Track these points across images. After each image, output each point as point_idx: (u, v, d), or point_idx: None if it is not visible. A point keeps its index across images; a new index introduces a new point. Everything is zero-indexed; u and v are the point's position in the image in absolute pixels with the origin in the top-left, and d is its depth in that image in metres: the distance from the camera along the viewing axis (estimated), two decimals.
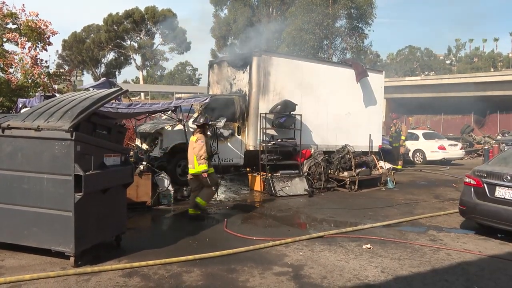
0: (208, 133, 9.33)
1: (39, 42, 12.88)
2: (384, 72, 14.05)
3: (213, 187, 6.98)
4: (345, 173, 10.39)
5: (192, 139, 6.92)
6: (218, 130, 9.46)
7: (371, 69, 14.44)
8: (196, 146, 6.67)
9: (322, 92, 11.48)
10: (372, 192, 10.31)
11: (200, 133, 6.83)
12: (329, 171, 10.51)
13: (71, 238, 4.37)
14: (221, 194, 9.48)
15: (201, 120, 7.01)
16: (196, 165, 6.74)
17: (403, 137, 14.54)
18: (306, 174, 10.23)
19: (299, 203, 8.65)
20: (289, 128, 10.42)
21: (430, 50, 68.90)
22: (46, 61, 13.75)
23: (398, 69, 59.26)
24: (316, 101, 11.35)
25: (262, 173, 9.93)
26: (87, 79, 62.04)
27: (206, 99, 8.74)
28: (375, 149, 12.89)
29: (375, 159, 11.45)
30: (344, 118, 12.00)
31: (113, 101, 7.00)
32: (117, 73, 51.30)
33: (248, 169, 11.15)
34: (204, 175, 6.71)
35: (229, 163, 10.26)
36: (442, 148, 17.05)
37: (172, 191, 8.16)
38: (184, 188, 8.71)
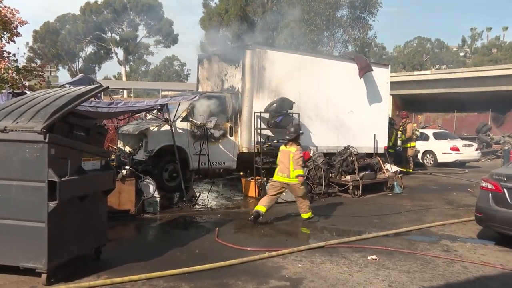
0: (198, 133, 9.37)
1: (5, 33, 12.64)
2: (390, 66, 14.14)
3: (306, 197, 7.83)
4: (348, 177, 10.43)
5: (290, 149, 7.61)
6: (208, 131, 9.49)
7: (376, 63, 14.53)
8: (296, 155, 7.47)
9: (322, 89, 11.53)
10: (377, 197, 10.34)
11: (296, 144, 7.66)
12: (330, 175, 10.54)
13: (43, 252, 4.27)
14: (212, 201, 9.49)
15: (292, 131, 7.75)
16: (292, 172, 7.47)
17: (402, 137, 14.53)
18: (305, 178, 10.12)
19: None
20: (286, 128, 10.37)
21: (442, 41, 68.34)
22: (14, 54, 13.50)
23: (406, 63, 59.59)
24: (315, 99, 11.40)
25: (256, 177, 9.94)
26: (63, 75, 61.64)
27: (195, 97, 8.76)
28: (381, 150, 12.95)
29: (380, 161, 11.49)
30: (346, 117, 12.05)
31: (93, 99, 6.97)
32: (96, 68, 51.05)
33: (241, 173, 11.13)
34: (300, 179, 7.45)
35: (221, 166, 10.27)
36: (455, 149, 16.92)
37: (158, 198, 8.15)
38: (177, 195, 8.72)
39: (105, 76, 59.45)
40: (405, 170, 14.03)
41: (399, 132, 14.63)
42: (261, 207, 7.59)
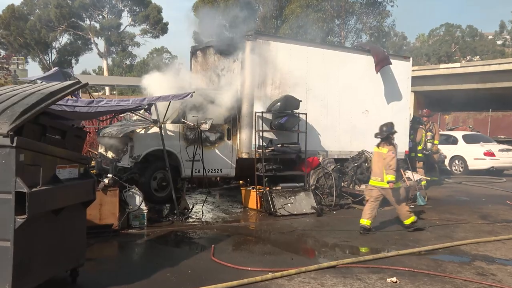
0: (191, 136, 9.38)
1: None
2: (411, 58, 14.13)
3: (402, 202, 8.26)
4: (363, 186, 10.42)
5: (382, 150, 8.05)
6: (203, 134, 9.50)
7: (395, 55, 14.50)
8: (387, 156, 7.87)
9: (333, 86, 11.55)
10: None
11: (388, 144, 8.05)
12: (342, 183, 10.54)
13: (8, 276, 4.13)
14: (207, 214, 9.49)
15: (384, 129, 8.20)
16: (385, 176, 7.86)
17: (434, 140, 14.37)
18: (313, 187, 10.28)
19: (305, 224, 8.67)
20: (291, 130, 10.47)
21: (475, 28, 66.27)
22: None
23: (430, 54, 59.25)
24: (325, 97, 11.42)
25: (258, 186, 9.97)
26: (33, 69, 60.77)
27: (188, 95, 8.75)
28: (401, 155, 12.87)
29: (400, 168, 11.45)
30: (361, 117, 12.06)
31: (69, 97, 6.97)
32: (73, 61, 49.88)
33: (240, 182, 11.11)
34: (391, 185, 7.82)
35: (217, 174, 10.29)
36: (489, 154, 16.62)
37: (145, 211, 8.15)
38: (167, 207, 8.69)
39: (84, 71, 59.05)
40: (432, 178, 13.88)
41: (429, 134, 14.36)
42: (365, 221, 8.00)
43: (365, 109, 12.18)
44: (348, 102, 11.80)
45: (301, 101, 10.39)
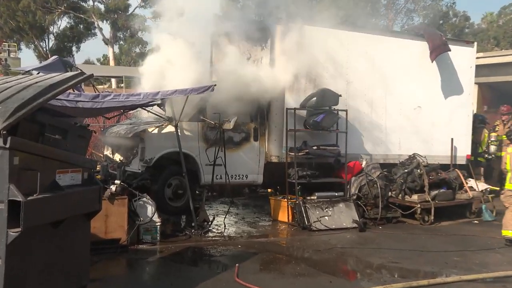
0: (212, 136, 9.38)
1: None
2: (476, 43, 13.77)
3: None
4: (414, 197, 10.29)
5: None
6: (225, 134, 9.48)
7: (455, 39, 14.21)
8: None
9: (379, 77, 11.40)
10: (457, 226, 10.15)
11: None
12: (390, 193, 10.42)
13: None
14: (230, 227, 9.48)
15: None
16: None
17: (498, 139, 13.91)
18: (355, 197, 10.19)
19: (345, 241, 8.59)
20: (329, 130, 10.40)
21: None
22: None
23: (500, 38, 57.40)
24: (369, 91, 11.30)
25: (290, 196, 9.93)
26: (27, 57, 60.49)
27: (209, 88, 8.72)
28: (461, 160, 12.63)
29: (461, 176, 11.25)
30: (412, 114, 11.86)
31: (71, 90, 7.01)
32: (74, 48, 49.03)
33: (269, 190, 11.08)
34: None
35: (242, 181, 10.27)
36: None
37: (158, 223, 8.16)
38: (184, 218, 8.79)
39: (86, 60, 58.29)
40: (497, 188, 13.49)
41: (493, 135, 13.96)
42: (508, 232, 8.23)
43: (417, 105, 11.94)
44: (396, 97, 11.61)
45: (340, 95, 10.28)
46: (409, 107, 11.83)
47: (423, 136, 11.86)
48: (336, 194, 10.08)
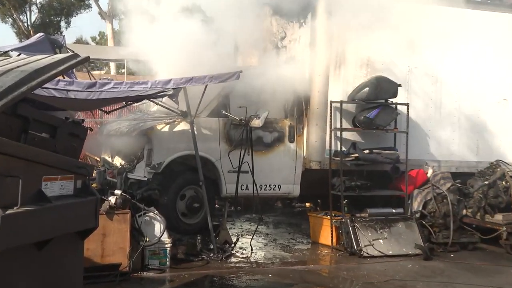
0: (237, 136, 9.38)
1: None
2: None
3: None
4: (498, 217, 10.09)
5: None
6: (253, 133, 9.48)
7: None
8: None
9: (451, 61, 11.25)
10: None
11: None
12: (464, 211, 10.25)
13: None
14: (259, 251, 9.47)
15: None
16: None
17: None
18: (418, 215, 10.07)
19: (405, 272, 8.49)
20: (385, 129, 10.31)
21: None
22: None
23: None
24: (437, 79, 11.18)
25: (334, 212, 9.87)
26: (4, 34, 60.64)
27: (233, 75, 8.69)
28: None
29: None
30: (495, 109, 11.63)
31: (61, 77, 7.03)
32: (63, 24, 49.47)
33: (308, 204, 11.00)
34: None
35: (273, 192, 10.23)
36: None
37: (168, 245, 8.18)
38: (200, 239, 8.85)
39: (78, 38, 58.46)
40: None
41: None
42: None
43: (503, 97, 11.70)
44: (474, 87, 11.41)
45: (400, 85, 10.19)
46: (491, 100, 11.60)
47: (510, 138, 11.62)
48: (394, 211, 10.01)
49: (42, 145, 4.89)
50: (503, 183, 10.32)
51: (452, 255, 9.54)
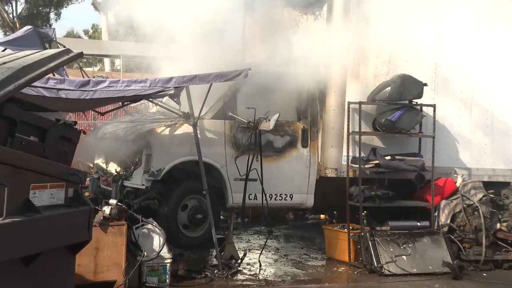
0: (245, 140, 9.37)
1: None
2: None
3: None
4: None
5: None
6: (263, 137, 9.49)
7: None
8: None
9: (483, 57, 11.21)
10: None
11: None
12: (498, 225, 10.19)
13: None
14: (268, 267, 9.45)
15: None
16: None
17: None
18: (446, 229, 10.01)
19: None
20: (409, 133, 10.28)
21: None
22: None
23: None
24: (468, 77, 11.12)
25: (352, 225, 9.84)
26: None
27: (241, 73, 8.68)
28: None
29: None
30: None
31: (51, 75, 7.03)
32: (52, 15, 50.01)
33: (323, 216, 10.96)
34: None
35: (285, 203, 10.25)
36: None
37: (168, 260, 8.15)
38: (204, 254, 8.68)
39: (69, 32, 59.26)
40: None
41: None
42: None
43: None
44: (509, 86, 11.39)
45: (425, 84, 10.15)
46: None
47: None
48: (419, 224, 9.95)
49: (30, 149, 4.89)
50: None
51: (484, 274, 9.47)
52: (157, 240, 8.13)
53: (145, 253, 7.97)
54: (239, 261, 9.16)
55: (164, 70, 9.49)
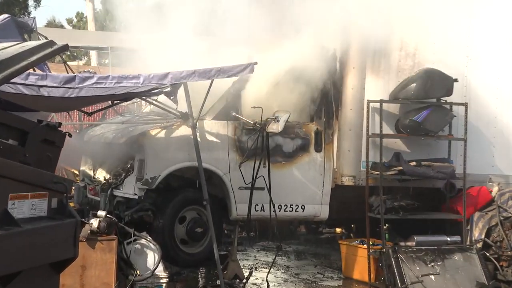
0: (251, 143, 9.37)
1: None
2: None
3: None
4: None
5: None
6: (271, 139, 9.50)
7: None
8: None
9: None
10: None
11: None
12: None
13: None
14: None
15: None
16: None
17: None
18: (480, 245, 9.99)
19: None
20: (437, 135, 10.30)
21: None
22: None
23: None
24: (504, 71, 11.11)
25: (372, 240, 9.85)
26: None
27: (245, 68, 8.68)
28: None
29: None
30: None
31: (32, 69, 7.04)
32: (31, 2, 50.49)
33: (338, 230, 10.94)
34: None
35: (296, 215, 10.27)
36: None
37: (164, 280, 8.20)
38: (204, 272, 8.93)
39: (50, 21, 59.68)
40: None
41: None
42: None
43: None
44: None
45: (456, 79, 10.15)
46: None
47: None
48: (449, 239, 9.91)
49: (8, 154, 4.87)
50: None
51: None
52: (152, 257, 8.17)
53: (137, 271, 8.00)
54: (244, 280, 9.19)
55: (160, 64, 9.45)
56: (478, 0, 10.90)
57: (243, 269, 9.46)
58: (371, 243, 9.77)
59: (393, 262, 9.24)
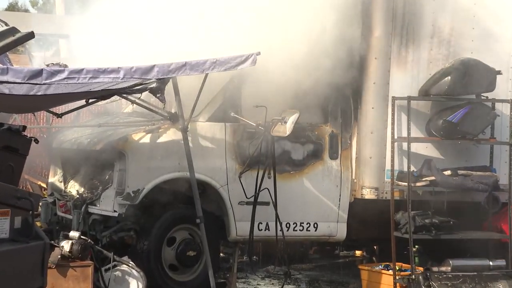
0: (253, 149, 9.38)
1: None
2: None
3: None
4: None
5: None
6: (277, 144, 9.56)
7: None
8: None
9: None
10: None
11: None
12: None
13: None
14: None
15: None
16: None
17: None
18: None
19: None
20: (476, 139, 10.29)
21: None
22: None
23: None
24: None
25: (399, 265, 9.86)
26: None
27: (246, 60, 8.71)
28: None
29: None
30: None
31: None
32: None
33: (359, 252, 10.95)
34: None
35: (307, 234, 10.34)
36: None
37: None
38: None
39: (12, 3, 60.12)
40: None
41: None
42: None
43: None
44: None
45: (499, 72, 10.17)
46: None
47: None
48: (492, 263, 9.95)
49: None
50: None
51: None
52: (135, 286, 8.22)
53: None
54: None
55: (144, 55, 9.44)
56: None
57: None
58: (397, 268, 9.74)
59: None
